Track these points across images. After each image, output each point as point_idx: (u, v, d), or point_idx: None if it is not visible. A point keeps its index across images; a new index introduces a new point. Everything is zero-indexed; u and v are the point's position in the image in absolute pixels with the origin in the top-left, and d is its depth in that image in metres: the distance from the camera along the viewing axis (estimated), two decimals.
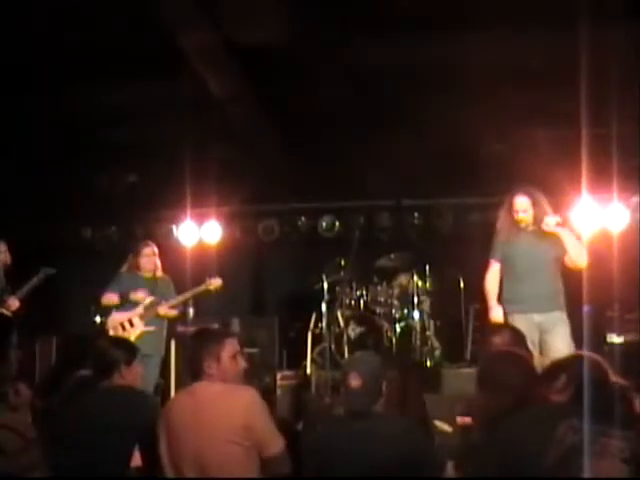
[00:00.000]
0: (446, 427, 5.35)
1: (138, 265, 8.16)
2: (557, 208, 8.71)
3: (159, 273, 8.24)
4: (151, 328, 8.00)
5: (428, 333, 9.35)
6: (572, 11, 6.32)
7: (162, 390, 8.52)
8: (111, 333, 7.90)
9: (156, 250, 8.25)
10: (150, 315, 8.03)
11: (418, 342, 9.24)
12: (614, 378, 3.70)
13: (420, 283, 9.51)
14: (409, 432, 4.17)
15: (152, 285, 8.13)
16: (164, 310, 8.08)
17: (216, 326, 9.42)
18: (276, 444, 4.27)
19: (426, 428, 4.83)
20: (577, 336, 6.20)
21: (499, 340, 5.15)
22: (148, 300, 8.04)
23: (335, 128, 8.81)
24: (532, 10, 6.91)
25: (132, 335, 7.80)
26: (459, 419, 4.96)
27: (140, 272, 8.16)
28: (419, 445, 4.13)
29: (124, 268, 8.27)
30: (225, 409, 4.24)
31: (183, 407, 4.35)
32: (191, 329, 9.29)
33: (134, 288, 8.08)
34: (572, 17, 6.37)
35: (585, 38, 6.44)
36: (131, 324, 7.97)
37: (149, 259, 8.17)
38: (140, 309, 8.02)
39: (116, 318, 8.02)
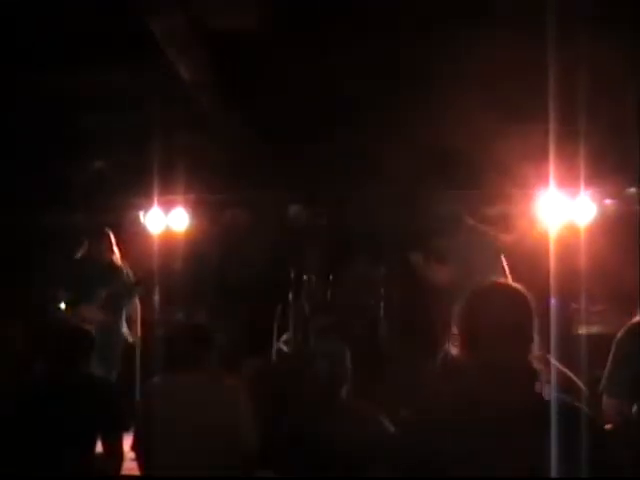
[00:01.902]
0: None
1: (94, 254, 8.10)
2: (524, 201, 8.81)
3: (116, 261, 8.18)
4: (110, 318, 7.94)
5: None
6: (541, 8, 6.35)
7: (125, 378, 8.46)
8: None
9: (113, 240, 8.18)
10: (109, 305, 7.96)
11: (384, 333, 9.26)
12: None
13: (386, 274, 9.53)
14: (374, 420, 4.19)
15: (109, 273, 8.08)
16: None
17: (181, 315, 9.42)
18: (254, 435, 4.46)
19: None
20: (544, 328, 6.22)
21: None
22: (106, 290, 7.97)
23: (304, 117, 8.79)
24: (500, 8, 6.95)
25: (92, 326, 7.71)
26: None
27: (96, 260, 8.09)
28: (383, 433, 4.15)
29: (80, 254, 8.20)
30: (226, 394, 4.47)
31: (179, 392, 4.41)
32: (156, 317, 9.26)
33: (90, 276, 8.01)
34: (541, 14, 6.39)
35: (553, 35, 6.47)
36: (91, 317, 7.81)
37: (106, 247, 8.11)
38: (98, 300, 7.94)
39: (76, 313, 7.89)
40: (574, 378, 4.55)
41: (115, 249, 8.18)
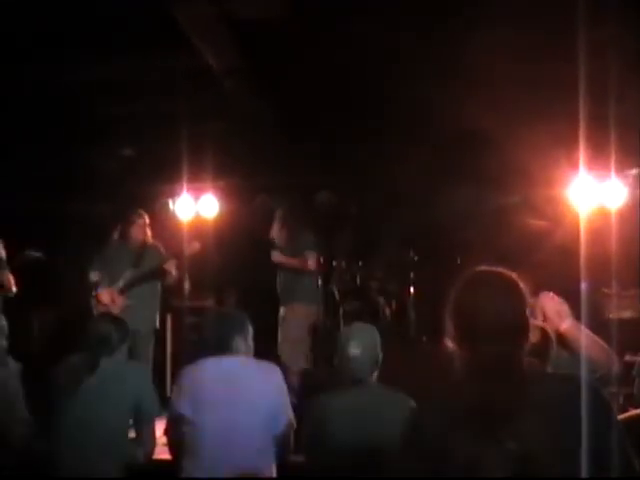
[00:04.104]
0: None
1: (128, 234, 8.08)
2: (555, 184, 8.76)
3: (148, 241, 8.15)
4: (132, 302, 7.80)
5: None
6: None
7: (155, 363, 8.47)
8: (94, 311, 7.79)
9: (147, 220, 8.18)
10: (132, 288, 7.89)
11: (414, 316, 9.26)
12: None
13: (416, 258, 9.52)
14: (405, 405, 4.18)
15: (137, 255, 8.02)
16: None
17: (211, 301, 9.44)
18: (292, 418, 4.52)
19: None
20: (575, 313, 6.22)
21: None
22: (128, 274, 7.92)
23: (333, 102, 8.77)
24: None
25: (114, 311, 7.49)
26: None
27: (128, 241, 8.07)
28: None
29: (115, 236, 8.18)
30: (265, 380, 4.49)
31: (216, 377, 4.44)
32: (186, 304, 9.30)
33: (118, 258, 7.99)
34: None
35: (583, 19, 6.42)
36: (112, 301, 7.81)
37: (140, 229, 8.09)
38: (120, 284, 7.89)
39: (97, 296, 7.88)
40: (605, 346, 4.51)
41: (148, 231, 8.17)
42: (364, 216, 9.75)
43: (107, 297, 7.83)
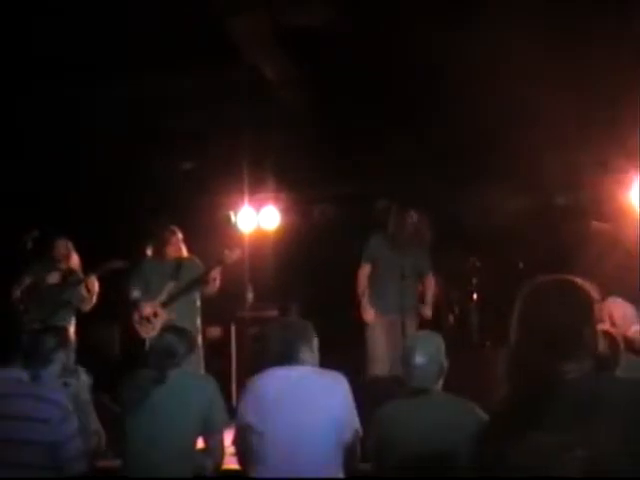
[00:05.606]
0: None
1: (162, 252, 8.11)
2: (617, 187, 8.65)
3: (184, 255, 8.16)
4: (174, 316, 7.78)
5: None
6: None
7: (220, 373, 8.49)
8: (137, 326, 7.90)
9: (180, 236, 8.20)
10: (174, 302, 7.93)
11: (477, 322, 9.22)
12: None
13: (478, 264, 9.48)
14: (471, 412, 4.17)
15: (175, 270, 8.04)
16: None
17: (275, 312, 9.47)
18: (357, 422, 4.48)
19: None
20: None
21: None
22: (169, 287, 7.97)
23: (391, 112, 8.78)
24: None
25: (157, 325, 7.63)
26: None
27: (163, 258, 8.10)
28: (478, 424, 4.14)
29: (148, 253, 8.22)
30: (331, 390, 4.48)
31: (283, 387, 4.47)
32: (250, 314, 9.36)
33: (155, 274, 8.05)
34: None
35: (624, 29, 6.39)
36: (155, 314, 7.88)
37: (173, 247, 8.11)
38: (162, 297, 7.95)
39: (140, 311, 7.96)
40: None
41: (182, 246, 8.18)
42: (424, 223, 9.72)
43: (150, 311, 7.90)
